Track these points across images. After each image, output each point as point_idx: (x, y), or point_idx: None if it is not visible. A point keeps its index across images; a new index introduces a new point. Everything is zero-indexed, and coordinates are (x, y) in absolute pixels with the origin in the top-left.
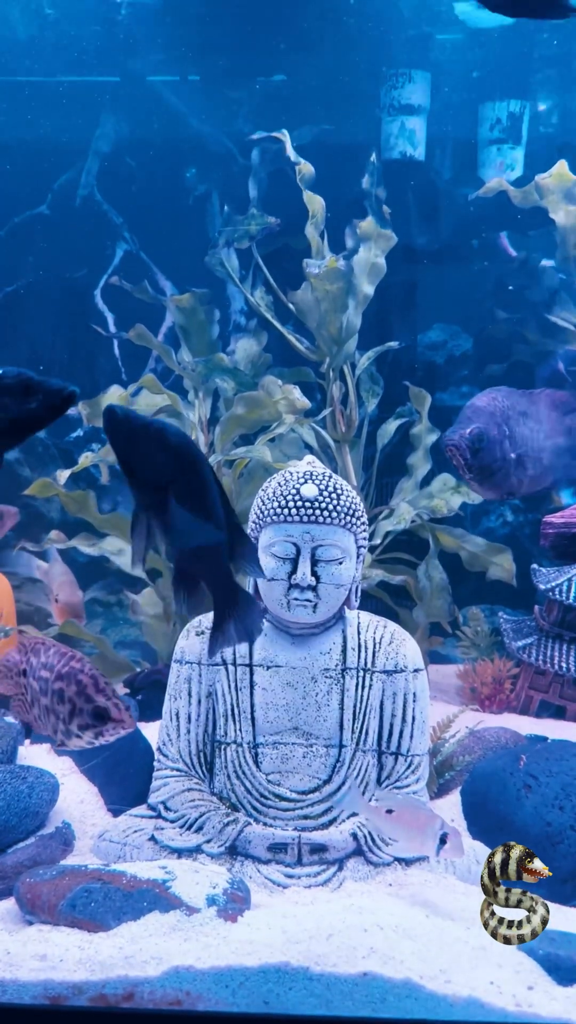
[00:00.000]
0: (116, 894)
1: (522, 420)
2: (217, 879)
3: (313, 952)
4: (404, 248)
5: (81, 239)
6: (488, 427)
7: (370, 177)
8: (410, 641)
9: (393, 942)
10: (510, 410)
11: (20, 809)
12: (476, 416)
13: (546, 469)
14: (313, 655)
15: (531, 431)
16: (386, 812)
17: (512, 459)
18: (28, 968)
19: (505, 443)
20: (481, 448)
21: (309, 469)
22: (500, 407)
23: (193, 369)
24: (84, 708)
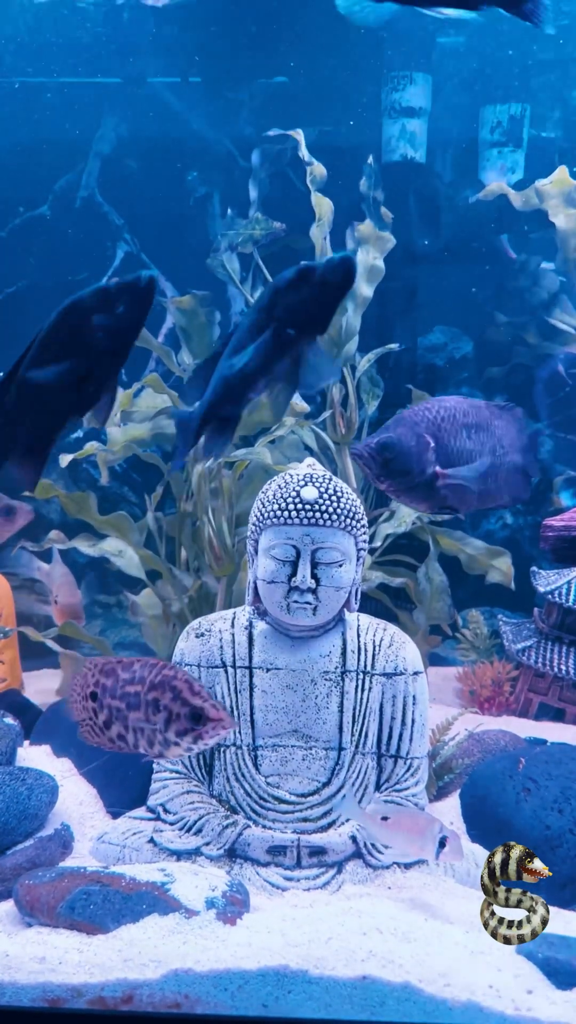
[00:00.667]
0: (115, 896)
1: (465, 433)
2: (216, 882)
3: (312, 955)
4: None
5: (81, 240)
6: (404, 437)
7: (368, 180)
8: (410, 644)
9: (392, 945)
10: (445, 421)
11: (19, 811)
12: (395, 425)
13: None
14: (313, 658)
15: (475, 445)
16: (382, 819)
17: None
18: (27, 970)
19: (427, 455)
20: (391, 458)
21: (309, 472)
22: (430, 417)
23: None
24: (181, 712)
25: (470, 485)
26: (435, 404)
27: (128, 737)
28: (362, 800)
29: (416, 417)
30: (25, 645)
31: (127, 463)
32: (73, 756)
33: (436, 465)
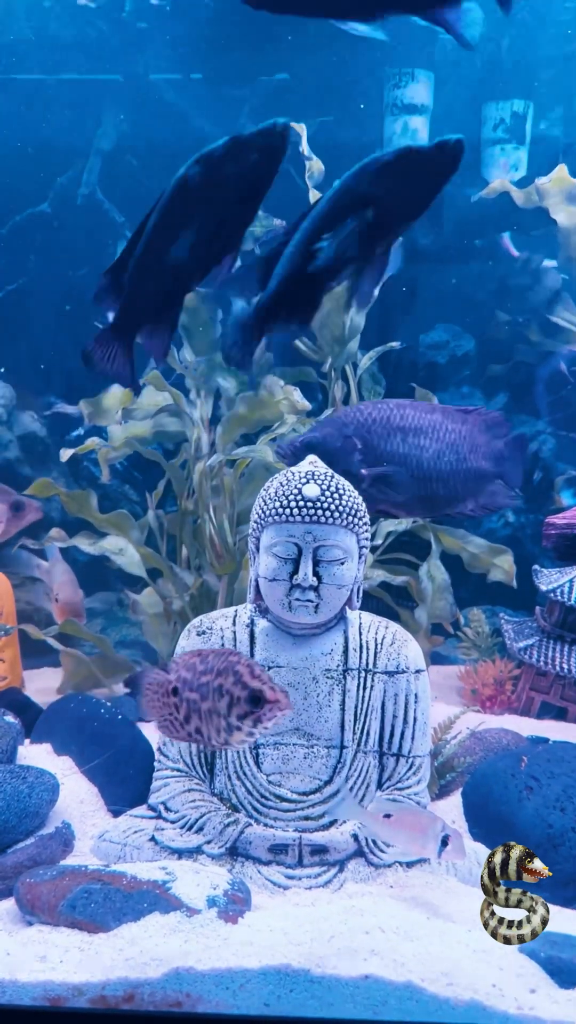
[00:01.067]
0: (116, 895)
1: (399, 437)
2: (218, 880)
3: (314, 954)
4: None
5: (82, 238)
6: (330, 438)
7: None
8: (412, 642)
9: (394, 944)
10: (378, 424)
11: (20, 809)
12: (322, 426)
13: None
14: (314, 656)
15: (411, 449)
16: (384, 816)
17: (363, 475)
18: (28, 969)
19: (353, 456)
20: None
21: (311, 469)
22: (360, 420)
23: (195, 368)
24: (241, 696)
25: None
26: (369, 407)
27: (203, 728)
28: (364, 799)
29: (345, 419)
30: (24, 643)
31: (128, 461)
32: (74, 754)
33: (363, 467)
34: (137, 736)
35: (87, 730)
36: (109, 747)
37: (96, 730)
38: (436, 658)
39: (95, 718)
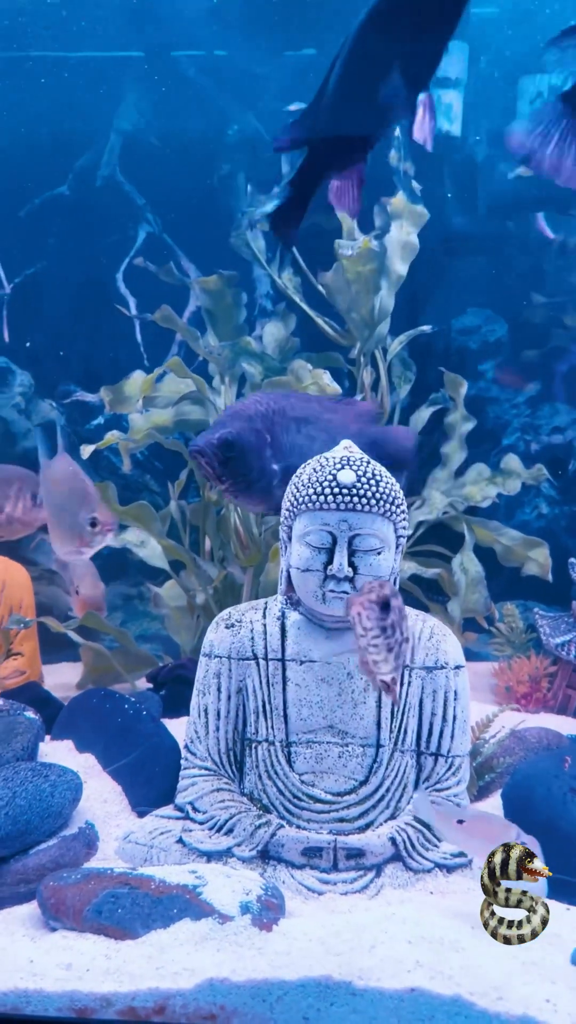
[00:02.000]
0: (144, 900)
1: (295, 427)
2: (250, 885)
3: (355, 965)
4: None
5: (102, 220)
6: (244, 433)
7: (397, 152)
8: (451, 636)
9: (440, 955)
10: (278, 415)
11: (42, 809)
12: (232, 420)
13: None
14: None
15: (305, 440)
16: (458, 822)
17: (275, 470)
18: (53, 978)
19: (266, 452)
20: (232, 456)
21: (346, 454)
22: (262, 411)
23: (219, 353)
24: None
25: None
26: (263, 398)
27: None
28: (400, 800)
29: (249, 411)
30: (43, 637)
31: (149, 450)
32: (97, 752)
33: (274, 462)
34: (162, 733)
35: (110, 726)
36: (133, 744)
37: (120, 726)
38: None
39: (119, 714)
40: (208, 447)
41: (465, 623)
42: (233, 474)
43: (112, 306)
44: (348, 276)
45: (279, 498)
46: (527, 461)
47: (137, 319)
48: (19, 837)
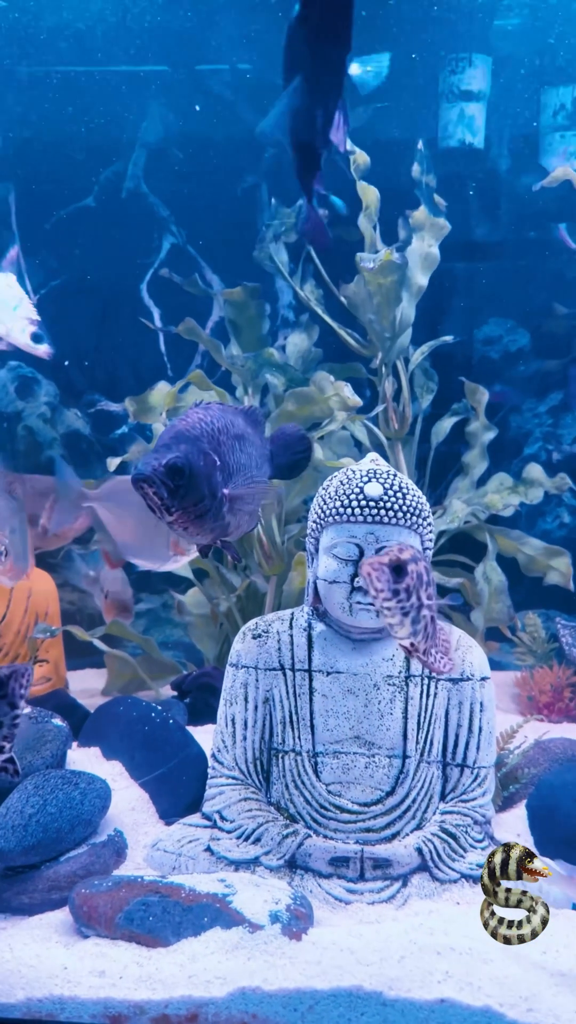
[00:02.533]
0: (175, 908)
1: (238, 446)
2: (279, 894)
3: (386, 975)
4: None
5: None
6: (192, 456)
7: (419, 165)
8: (476, 648)
9: (469, 966)
10: (223, 434)
11: (72, 816)
12: (177, 442)
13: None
14: (375, 661)
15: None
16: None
17: (225, 495)
18: (87, 985)
19: (215, 476)
20: (181, 484)
21: (372, 467)
22: (208, 430)
23: (243, 365)
24: None
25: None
26: (205, 414)
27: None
28: (427, 811)
29: (195, 431)
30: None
31: None
32: (124, 760)
33: (223, 486)
34: (190, 741)
35: (138, 735)
36: (160, 753)
37: (147, 735)
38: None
39: (146, 722)
40: (155, 475)
41: (487, 632)
42: (182, 503)
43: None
44: (370, 288)
45: (226, 526)
46: (549, 470)
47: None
48: (50, 845)
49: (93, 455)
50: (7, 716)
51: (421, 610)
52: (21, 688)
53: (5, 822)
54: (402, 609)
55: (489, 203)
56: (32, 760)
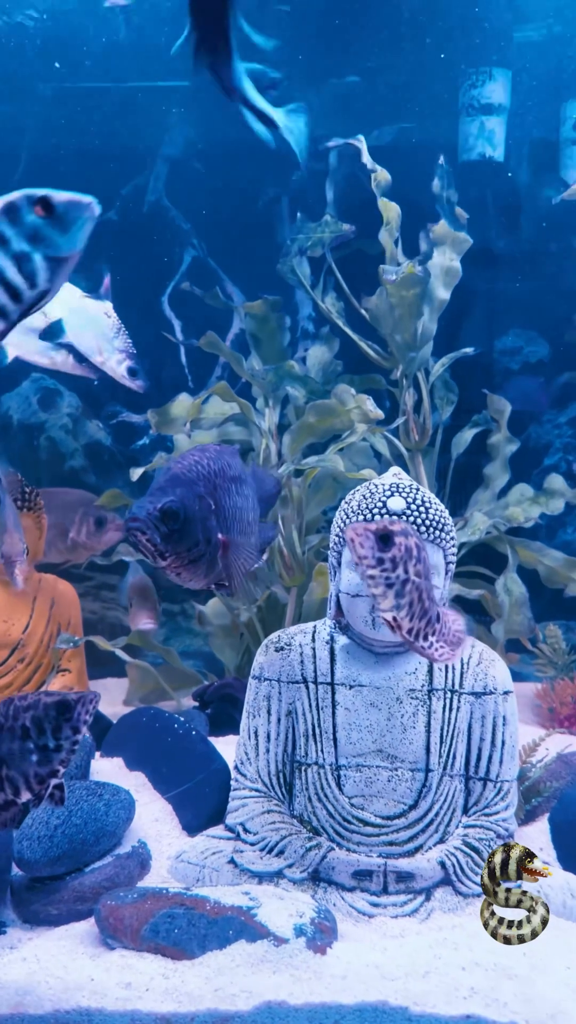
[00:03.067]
0: (200, 920)
1: (235, 489)
2: (303, 908)
3: (411, 990)
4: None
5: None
6: (188, 501)
7: (440, 180)
8: (499, 662)
9: (494, 982)
10: (220, 477)
11: (97, 828)
12: (172, 486)
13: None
14: (398, 675)
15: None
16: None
17: (220, 541)
18: (113, 997)
19: (210, 521)
20: (176, 529)
21: (395, 481)
22: (204, 473)
23: (263, 377)
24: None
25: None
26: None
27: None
28: (450, 824)
29: (191, 474)
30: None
31: None
32: (147, 770)
33: (219, 530)
34: (212, 753)
35: (160, 746)
36: (184, 764)
37: (170, 746)
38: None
39: (168, 733)
40: (149, 520)
41: (508, 644)
42: (176, 549)
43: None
44: (392, 301)
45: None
46: (569, 481)
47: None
48: (75, 856)
49: (114, 466)
50: (68, 740)
51: (407, 585)
52: (87, 714)
53: (31, 833)
54: (387, 580)
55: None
56: None
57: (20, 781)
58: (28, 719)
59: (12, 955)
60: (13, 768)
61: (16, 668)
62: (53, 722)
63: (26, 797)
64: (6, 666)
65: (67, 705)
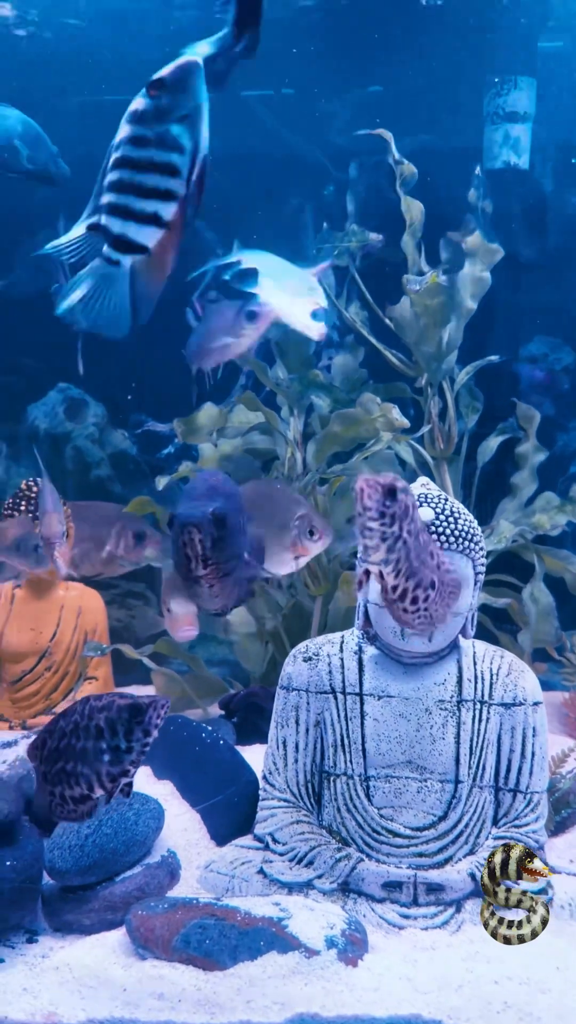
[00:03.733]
0: (231, 931)
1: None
2: (334, 919)
3: (444, 1004)
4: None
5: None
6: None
7: (476, 190)
8: (528, 672)
9: (527, 996)
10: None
11: (127, 838)
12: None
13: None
14: (427, 685)
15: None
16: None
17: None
18: (146, 1007)
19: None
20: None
21: (424, 491)
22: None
23: (288, 386)
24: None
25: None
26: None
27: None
28: (479, 836)
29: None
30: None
31: None
32: (176, 780)
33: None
34: (240, 762)
35: (189, 755)
36: (212, 773)
37: (198, 755)
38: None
39: (196, 742)
40: (205, 521)
41: (535, 653)
42: (218, 556)
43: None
44: (416, 310)
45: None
46: None
47: None
48: (106, 865)
49: (140, 475)
50: (139, 742)
51: (398, 541)
52: (157, 718)
53: (62, 842)
54: (382, 534)
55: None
56: None
57: (93, 779)
58: (102, 720)
59: (44, 964)
60: (87, 766)
61: (44, 675)
62: (125, 724)
63: (99, 794)
64: (34, 673)
65: (139, 709)
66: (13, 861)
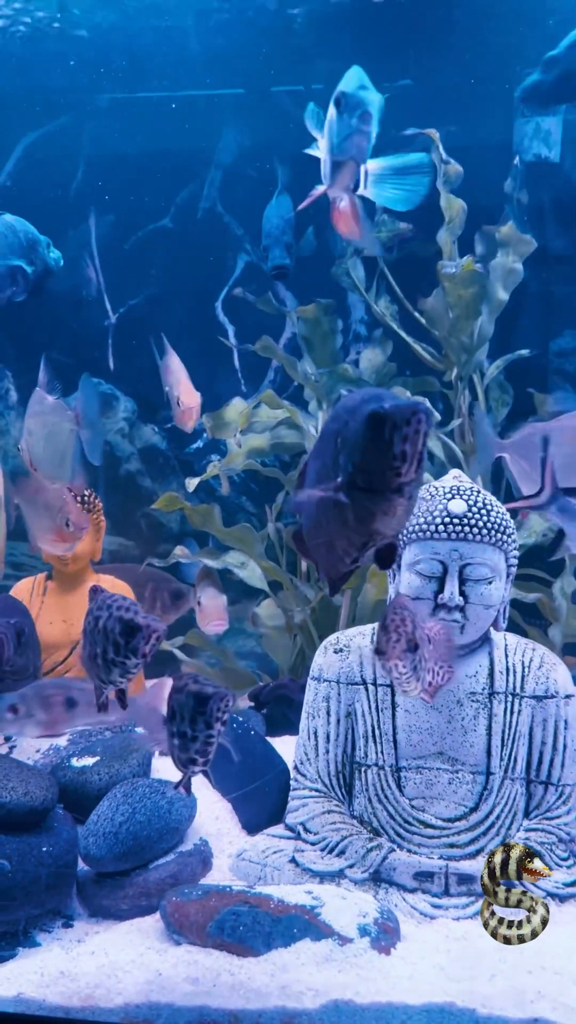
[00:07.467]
0: (264, 918)
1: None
2: (366, 908)
3: (477, 992)
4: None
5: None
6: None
7: (513, 181)
8: (561, 665)
9: (561, 986)
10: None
11: (161, 825)
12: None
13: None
14: (458, 678)
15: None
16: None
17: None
18: (181, 992)
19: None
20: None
21: (456, 484)
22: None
23: (317, 380)
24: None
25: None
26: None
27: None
28: (511, 828)
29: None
30: None
31: (245, 473)
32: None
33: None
34: (271, 752)
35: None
36: (242, 763)
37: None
38: None
39: (227, 732)
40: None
41: (565, 648)
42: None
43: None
44: (449, 300)
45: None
46: None
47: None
48: (140, 852)
49: (169, 469)
50: (203, 733)
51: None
52: (219, 711)
53: (97, 829)
54: (416, 674)
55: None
56: (119, 769)
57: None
58: (174, 703)
59: (80, 948)
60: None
61: (76, 666)
62: (190, 712)
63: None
64: (66, 664)
65: (203, 698)
66: (49, 847)
